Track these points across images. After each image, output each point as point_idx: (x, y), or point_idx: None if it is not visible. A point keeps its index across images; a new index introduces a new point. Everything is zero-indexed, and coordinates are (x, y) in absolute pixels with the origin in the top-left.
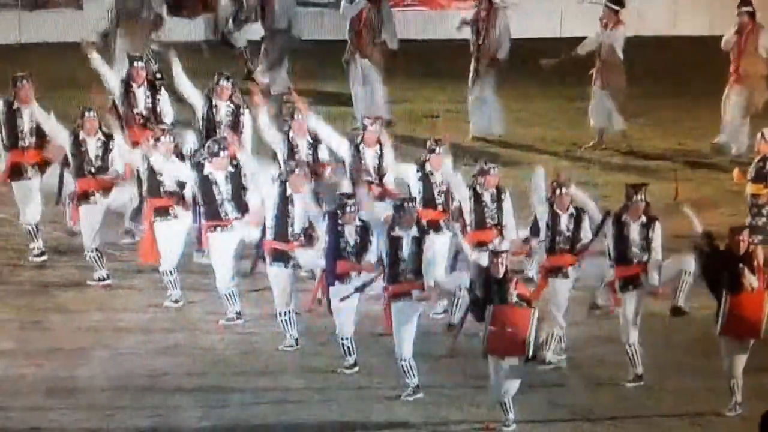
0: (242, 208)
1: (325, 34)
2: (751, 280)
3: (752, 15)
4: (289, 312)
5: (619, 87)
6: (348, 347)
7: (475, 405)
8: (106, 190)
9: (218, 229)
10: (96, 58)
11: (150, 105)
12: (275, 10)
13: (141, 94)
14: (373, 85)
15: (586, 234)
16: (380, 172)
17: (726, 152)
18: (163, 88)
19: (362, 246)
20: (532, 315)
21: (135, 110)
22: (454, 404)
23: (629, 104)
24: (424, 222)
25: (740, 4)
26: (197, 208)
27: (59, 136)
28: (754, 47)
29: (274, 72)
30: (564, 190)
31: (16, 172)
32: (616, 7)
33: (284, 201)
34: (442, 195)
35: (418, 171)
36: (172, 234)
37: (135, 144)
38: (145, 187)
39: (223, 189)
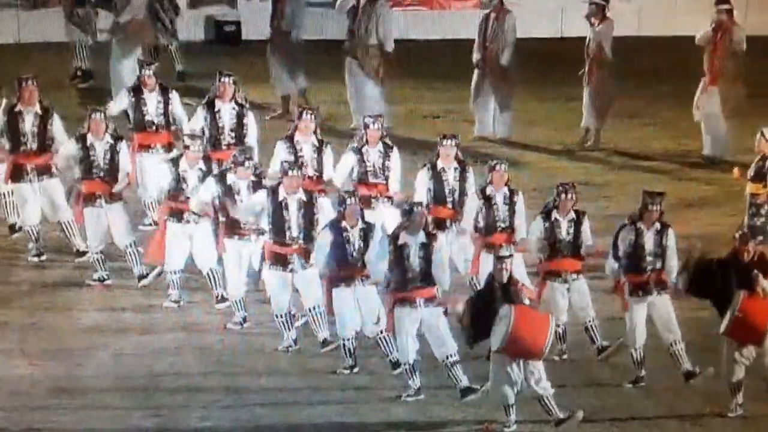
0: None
1: (325, 34)
2: (765, 285)
3: (730, 13)
4: (287, 314)
5: (602, 85)
6: (349, 348)
7: (475, 405)
8: (113, 195)
9: (236, 237)
10: (110, 108)
11: (162, 110)
12: (286, 11)
13: (152, 99)
14: (365, 88)
15: (586, 238)
16: (385, 172)
17: (718, 160)
18: (174, 92)
19: (366, 249)
20: (551, 320)
21: (146, 117)
22: (454, 404)
23: (625, 104)
24: (431, 226)
25: (718, 2)
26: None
27: (63, 144)
28: (729, 45)
29: (294, 74)
30: (571, 194)
31: (17, 174)
32: (602, 3)
33: (278, 205)
34: (453, 193)
35: (429, 170)
36: (182, 236)
37: (145, 149)
38: (167, 191)
39: (245, 199)
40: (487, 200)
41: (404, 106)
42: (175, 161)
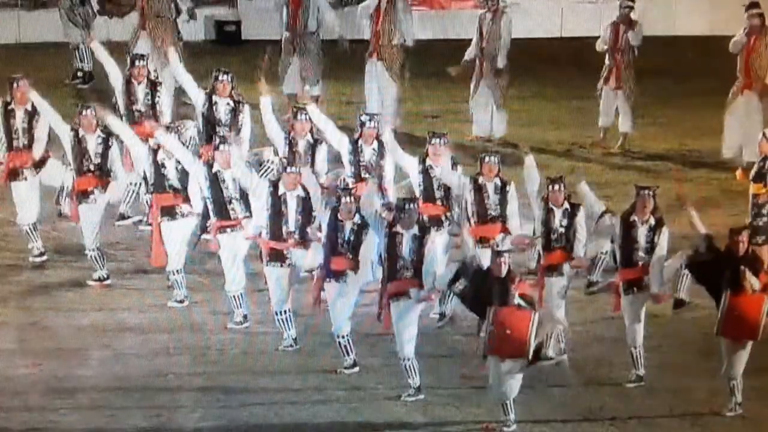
0: (251, 207)
1: (327, 34)
2: (752, 281)
3: (762, 17)
4: (287, 311)
5: (633, 88)
6: (345, 346)
7: (475, 405)
8: (105, 187)
9: (228, 229)
10: (99, 48)
11: (149, 102)
12: (308, 11)
13: (141, 91)
14: (388, 89)
15: (581, 230)
16: (379, 170)
17: (738, 162)
18: (163, 86)
19: (358, 243)
20: (533, 317)
21: (135, 107)
22: (454, 404)
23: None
24: (425, 218)
25: (749, 6)
26: (205, 206)
27: (61, 132)
28: (765, 49)
29: (308, 79)
30: (559, 186)
31: (13, 173)
32: (632, 4)
33: (277, 200)
34: (442, 189)
35: (419, 164)
36: (178, 234)
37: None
38: (151, 182)
39: (231, 187)
40: (478, 189)
41: (404, 106)
42: (152, 153)
